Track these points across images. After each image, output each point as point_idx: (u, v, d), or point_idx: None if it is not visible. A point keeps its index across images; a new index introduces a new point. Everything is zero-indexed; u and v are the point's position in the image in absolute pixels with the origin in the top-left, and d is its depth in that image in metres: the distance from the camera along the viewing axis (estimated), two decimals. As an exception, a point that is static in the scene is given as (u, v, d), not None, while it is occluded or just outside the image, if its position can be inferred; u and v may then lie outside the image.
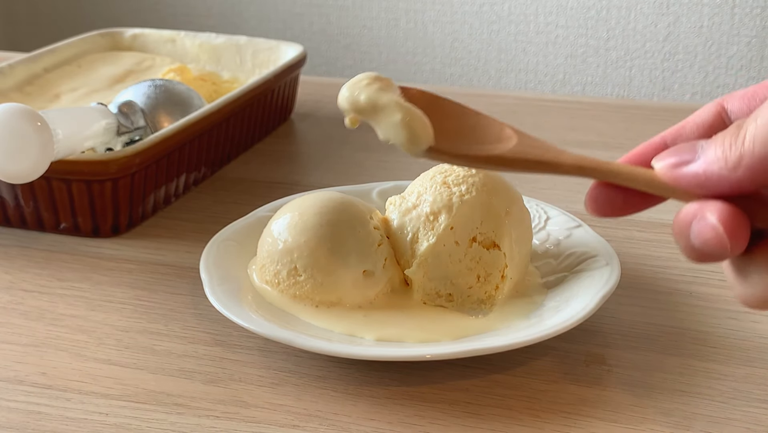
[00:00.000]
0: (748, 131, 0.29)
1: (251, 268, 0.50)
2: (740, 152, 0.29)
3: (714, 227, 0.30)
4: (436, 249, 0.47)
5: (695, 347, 0.46)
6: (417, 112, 0.35)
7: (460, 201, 0.47)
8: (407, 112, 0.35)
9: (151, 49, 0.86)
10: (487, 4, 1.41)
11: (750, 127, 0.29)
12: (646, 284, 0.52)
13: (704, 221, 0.30)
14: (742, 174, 0.29)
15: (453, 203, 0.47)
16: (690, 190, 0.31)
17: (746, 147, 0.29)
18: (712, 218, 0.30)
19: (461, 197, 0.47)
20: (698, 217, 0.30)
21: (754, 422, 0.41)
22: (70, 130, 0.54)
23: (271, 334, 0.43)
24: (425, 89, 0.37)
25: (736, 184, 0.30)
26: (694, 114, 0.35)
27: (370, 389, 0.43)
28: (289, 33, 1.54)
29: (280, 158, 0.73)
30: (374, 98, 0.35)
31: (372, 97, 0.35)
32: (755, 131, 0.29)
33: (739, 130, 0.30)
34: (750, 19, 1.26)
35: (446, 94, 0.38)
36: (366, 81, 0.36)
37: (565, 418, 0.41)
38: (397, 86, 0.37)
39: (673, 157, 0.31)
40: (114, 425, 0.41)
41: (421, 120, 0.35)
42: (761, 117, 0.29)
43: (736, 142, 0.30)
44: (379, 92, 0.36)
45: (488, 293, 0.47)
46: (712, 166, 0.30)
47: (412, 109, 0.35)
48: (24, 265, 0.56)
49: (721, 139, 0.30)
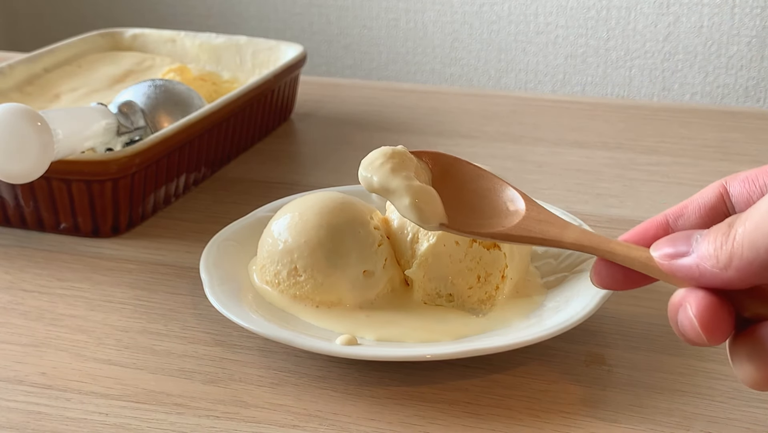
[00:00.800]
0: (738, 233, 0.30)
1: (251, 268, 0.50)
2: (730, 253, 0.30)
3: (691, 321, 0.31)
4: (437, 249, 0.47)
5: (695, 347, 0.46)
6: (427, 193, 0.38)
7: None
8: (416, 194, 0.37)
9: (151, 49, 0.86)
10: (487, 4, 1.41)
11: (740, 229, 0.30)
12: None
13: (685, 312, 0.32)
14: (732, 274, 0.30)
15: None
16: (684, 281, 0.32)
17: (735, 249, 0.30)
18: (691, 312, 0.31)
19: None
20: (682, 306, 0.32)
21: (754, 422, 0.41)
22: (70, 130, 0.54)
23: (271, 334, 0.43)
24: (441, 151, 0.39)
25: (727, 281, 0.31)
26: (697, 194, 0.36)
27: (370, 389, 0.43)
28: (289, 33, 1.54)
29: (280, 158, 0.73)
30: (385, 183, 0.38)
31: (383, 181, 0.38)
32: (743, 234, 0.30)
33: (730, 229, 0.31)
34: (750, 19, 1.26)
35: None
36: (380, 160, 0.39)
37: (565, 418, 0.41)
38: (412, 158, 0.40)
39: (670, 247, 0.33)
40: (114, 425, 0.41)
41: (431, 200, 0.37)
42: (750, 220, 0.30)
43: (727, 243, 0.30)
44: (391, 175, 0.38)
45: (488, 293, 0.47)
46: (704, 263, 0.31)
47: (421, 191, 0.38)
48: (24, 265, 0.56)
49: (713, 236, 0.31)
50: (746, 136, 0.75)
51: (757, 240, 0.29)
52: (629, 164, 0.70)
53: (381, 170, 0.38)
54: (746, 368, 0.32)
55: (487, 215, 0.38)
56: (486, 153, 0.72)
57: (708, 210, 0.35)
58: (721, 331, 0.32)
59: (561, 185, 0.65)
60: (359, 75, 1.54)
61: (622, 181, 0.67)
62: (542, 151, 0.72)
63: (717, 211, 0.35)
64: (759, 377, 0.31)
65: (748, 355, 0.32)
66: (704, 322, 0.31)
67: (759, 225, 0.29)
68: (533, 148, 0.72)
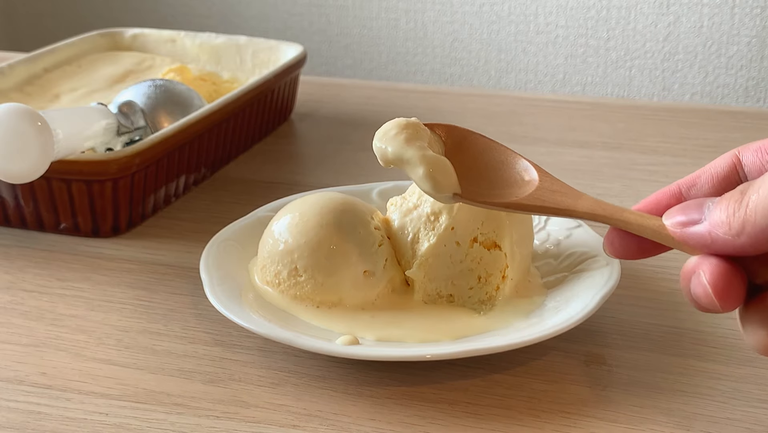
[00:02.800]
0: (751, 200, 0.30)
1: (251, 268, 0.50)
2: (743, 220, 0.31)
3: (704, 287, 0.32)
4: (437, 249, 0.47)
5: (695, 347, 0.46)
6: (441, 163, 0.38)
7: None
8: (430, 163, 0.38)
9: (151, 49, 0.86)
10: (487, 4, 1.41)
11: (753, 197, 0.30)
12: (646, 284, 0.52)
13: (698, 279, 0.32)
14: (745, 241, 0.31)
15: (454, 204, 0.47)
16: (696, 248, 0.32)
17: (748, 216, 0.30)
18: (704, 278, 0.32)
19: None
20: (696, 273, 0.32)
21: (754, 422, 0.41)
22: (71, 131, 0.54)
23: (271, 334, 0.43)
24: (455, 124, 0.39)
25: (739, 248, 0.31)
26: (710, 164, 0.36)
27: (371, 389, 0.43)
28: (289, 33, 1.54)
29: (280, 158, 0.73)
30: (400, 153, 0.38)
31: (398, 151, 0.38)
32: (757, 201, 0.30)
33: (743, 196, 0.31)
34: (750, 19, 1.26)
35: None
36: (394, 131, 0.39)
37: (565, 418, 0.41)
38: (425, 129, 0.39)
39: (682, 215, 0.33)
40: (114, 425, 0.41)
41: (445, 170, 0.38)
42: (763, 187, 0.30)
43: (739, 210, 0.31)
44: (405, 145, 0.38)
45: (489, 294, 0.47)
46: (717, 230, 0.31)
47: (435, 161, 0.38)
48: (24, 265, 0.56)
49: (726, 203, 0.31)
50: (746, 136, 0.75)
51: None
52: (629, 164, 0.70)
53: (395, 140, 0.38)
54: (758, 334, 0.32)
55: (501, 186, 0.38)
56: (486, 153, 0.72)
57: (721, 179, 0.35)
58: (734, 297, 0.32)
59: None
60: (359, 75, 1.54)
61: (622, 181, 0.67)
62: (542, 151, 0.72)
63: (729, 180, 0.35)
64: None
65: (760, 321, 0.32)
66: (717, 288, 0.31)
67: None
68: (533, 148, 0.72)
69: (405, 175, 0.65)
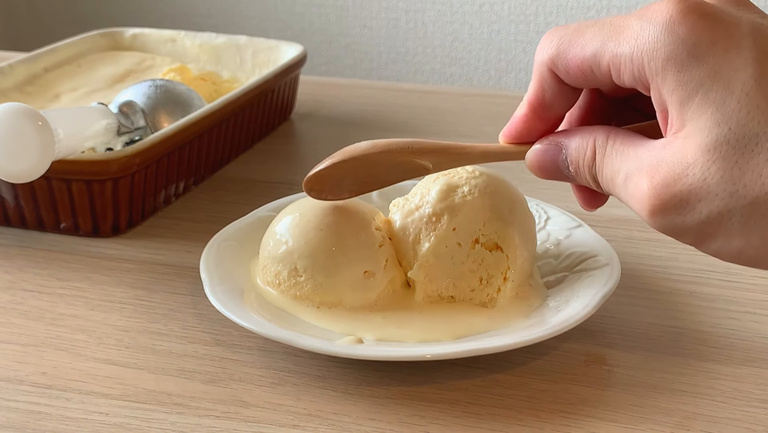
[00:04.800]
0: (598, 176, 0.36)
1: (251, 268, 0.50)
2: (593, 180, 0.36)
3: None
4: (438, 250, 0.47)
5: (695, 347, 0.46)
6: None
7: (462, 202, 0.47)
8: None
9: (151, 49, 0.86)
10: (487, 4, 1.41)
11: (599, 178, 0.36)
12: (646, 284, 0.52)
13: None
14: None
15: (456, 204, 0.47)
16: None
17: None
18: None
19: (464, 198, 0.47)
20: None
21: (754, 422, 0.41)
22: (71, 130, 0.54)
23: (271, 334, 0.43)
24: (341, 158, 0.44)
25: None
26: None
27: (371, 389, 0.43)
28: (289, 33, 1.54)
29: (280, 158, 0.73)
30: None
31: None
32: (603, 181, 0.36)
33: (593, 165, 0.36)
34: (750, 19, 1.26)
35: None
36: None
37: (565, 418, 0.41)
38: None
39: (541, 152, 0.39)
40: (114, 425, 0.41)
41: None
42: (607, 168, 0.35)
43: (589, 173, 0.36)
44: None
45: (490, 295, 0.47)
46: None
47: None
48: (24, 265, 0.56)
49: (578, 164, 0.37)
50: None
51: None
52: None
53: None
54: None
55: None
56: (486, 153, 0.72)
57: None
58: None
59: (561, 185, 0.65)
60: (359, 75, 1.54)
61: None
62: (542, 151, 0.72)
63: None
64: None
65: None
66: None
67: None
68: (533, 148, 0.72)
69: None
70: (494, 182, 0.48)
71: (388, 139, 0.43)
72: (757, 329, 0.48)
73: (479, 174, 0.48)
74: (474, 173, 0.48)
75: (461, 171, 0.48)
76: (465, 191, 0.47)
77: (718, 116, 0.31)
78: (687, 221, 0.32)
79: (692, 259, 0.54)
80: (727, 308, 0.50)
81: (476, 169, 0.48)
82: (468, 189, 0.47)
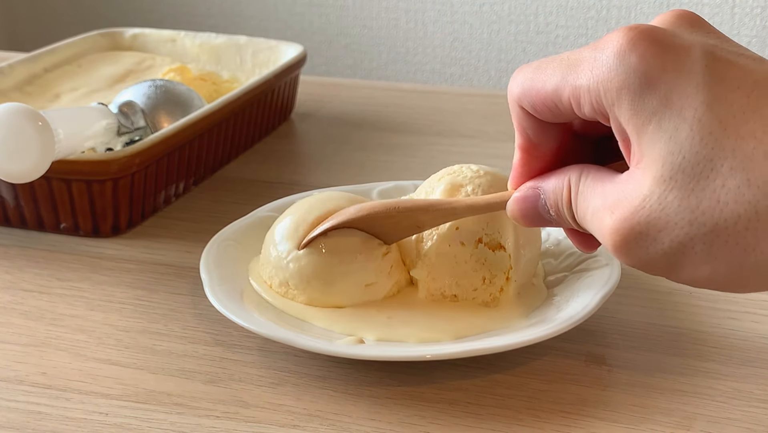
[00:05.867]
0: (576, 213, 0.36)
1: (252, 268, 0.50)
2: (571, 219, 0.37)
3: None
4: (441, 249, 0.47)
5: (695, 347, 0.46)
6: None
7: None
8: None
9: (151, 49, 0.86)
10: (487, 4, 1.41)
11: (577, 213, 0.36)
12: (646, 284, 0.52)
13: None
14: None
15: None
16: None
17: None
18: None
19: (468, 197, 0.47)
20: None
21: (754, 422, 0.41)
22: (71, 130, 0.54)
23: (271, 334, 0.43)
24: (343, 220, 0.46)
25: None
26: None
27: (371, 389, 0.43)
28: (289, 33, 1.54)
29: (280, 158, 0.73)
30: None
31: None
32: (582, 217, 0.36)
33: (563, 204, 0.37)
34: (750, 19, 1.26)
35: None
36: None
37: (565, 418, 0.41)
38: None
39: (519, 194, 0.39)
40: (114, 425, 0.41)
41: None
42: (583, 205, 0.35)
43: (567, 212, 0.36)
44: None
45: (493, 295, 0.47)
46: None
47: None
48: (24, 265, 0.56)
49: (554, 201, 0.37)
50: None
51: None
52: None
53: None
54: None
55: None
56: (486, 153, 0.72)
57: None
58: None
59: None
60: (359, 75, 1.54)
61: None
62: (542, 151, 0.72)
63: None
64: None
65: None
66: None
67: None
68: (533, 148, 0.72)
69: (405, 176, 0.65)
70: (498, 182, 0.48)
71: (374, 201, 0.47)
72: (757, 329, 0.48)
73: (483, 173, 0.48)
74: (478, 172, 0.48)
75: (465, 170, 0.48)
76: (469, 191, 0.47)
77: (672, 145, 0.30)
78: (651, 253, 0.32)
79: (692, 259, 0.54)
80: (727, 308, 0.49)
81: (480, 169, 0.48)
82: (472, 188, 0.47)
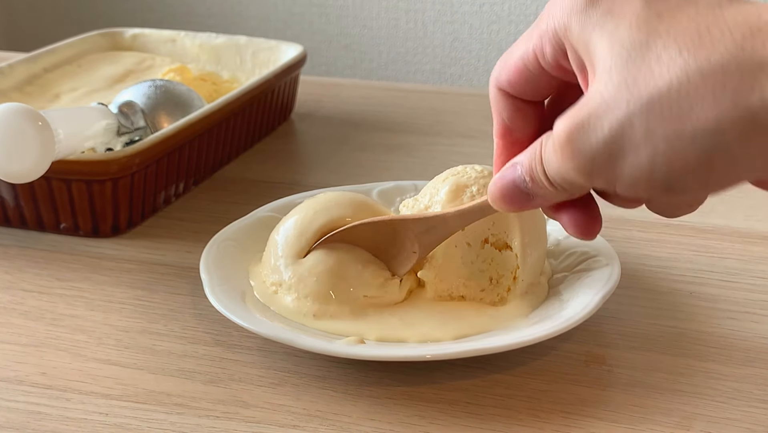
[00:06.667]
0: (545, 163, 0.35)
1: (252, 268, 0.50)
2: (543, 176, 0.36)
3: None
4: (447, 250, 0.47)
5: (695, 347, 0.46)
6: None
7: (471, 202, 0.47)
8: None
9: (151, 49, 0.86)
10: (487, 4, 1.41)
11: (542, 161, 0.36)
12: (646, 284, 0.52)
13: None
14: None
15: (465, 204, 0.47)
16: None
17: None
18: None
19: (473, 198, 0.47)
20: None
21: (754, 422, 0.41)
22: (71, 130, 0.54)
23: (271, 334, 0.43)
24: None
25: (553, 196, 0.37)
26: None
27: (371, 389, 0.43)
28: (289, 33, 1.54)
29: (280, 158, 0.73)
30: None
31: None
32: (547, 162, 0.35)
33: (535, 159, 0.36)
34: None
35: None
36: None
37: (565, 418, 0.41)
38: None
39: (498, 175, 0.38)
40: (114, 425, 0.41)
41: None
42: (546, 151, 0.35)
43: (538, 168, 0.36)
44: None
45: (500, 295, 0.47)
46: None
47: None
48: (24, 265, 0.56)
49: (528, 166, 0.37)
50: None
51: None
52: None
53: None
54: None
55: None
56: (486, 153, 0.72)
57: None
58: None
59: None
60: (359, 75, 1.54)
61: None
62: (542, 151, 0.72)
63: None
64: None
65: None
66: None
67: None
68: (533, 148, 0.72)
69: (405, 176, 0.65)
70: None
71: (370, 218, 0.48)
72: (757, 329, 0.48)
73: (488, 173, 0.48)
74: (483, 173, 0.48)
75: (470, 170, 0.48)
76: (474, 191, 0.47)
77: (612, 41, 0.32)
78: (593, 143, 0.32)
79: (692, 259, 0.54)
80: (727, 308, 0.50)
81: (485, 169, 0.48)
82: (477, 188, 0.47)
